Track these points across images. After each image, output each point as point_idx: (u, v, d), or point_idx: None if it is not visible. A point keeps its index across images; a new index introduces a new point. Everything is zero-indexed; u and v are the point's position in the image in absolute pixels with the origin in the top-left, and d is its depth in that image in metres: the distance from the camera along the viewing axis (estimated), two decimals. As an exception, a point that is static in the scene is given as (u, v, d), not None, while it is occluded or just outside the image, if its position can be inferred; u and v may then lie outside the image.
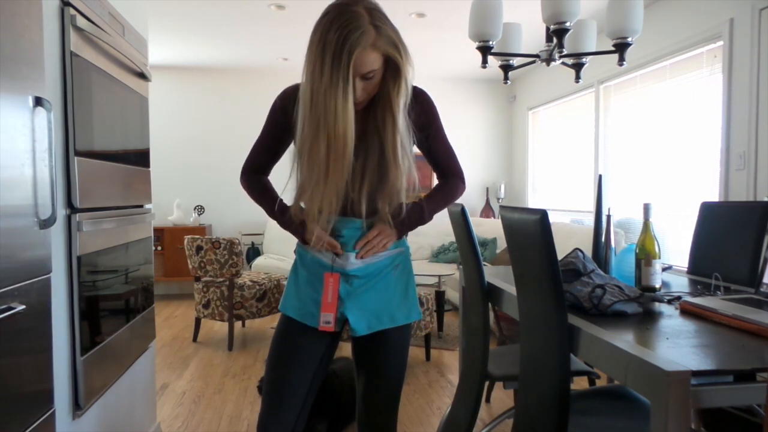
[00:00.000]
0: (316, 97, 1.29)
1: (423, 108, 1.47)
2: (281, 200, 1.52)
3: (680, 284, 2.07)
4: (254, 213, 6.35)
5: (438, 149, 1.55)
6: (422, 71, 6.32)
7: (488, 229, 5.72)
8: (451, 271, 4.62)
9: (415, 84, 1.44)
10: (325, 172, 1.34)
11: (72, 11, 1.60)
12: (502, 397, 3.14)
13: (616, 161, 4.77)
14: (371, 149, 1.41)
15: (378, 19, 1.28)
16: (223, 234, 6.41)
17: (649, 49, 4.09)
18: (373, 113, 1.41)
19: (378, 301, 1.49)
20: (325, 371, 1.53)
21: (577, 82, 2.55)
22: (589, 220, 4.96)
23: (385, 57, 1.31)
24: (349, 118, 1.29)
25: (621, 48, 2.19)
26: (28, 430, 1.28)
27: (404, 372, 1.57)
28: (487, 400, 3.09)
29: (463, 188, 1.60)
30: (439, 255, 5.84)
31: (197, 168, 6.36)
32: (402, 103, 1.37)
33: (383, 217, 1.45)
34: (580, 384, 3.14)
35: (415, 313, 1.53)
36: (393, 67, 1.34)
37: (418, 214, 1.52)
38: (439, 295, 4.27)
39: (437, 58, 5.77)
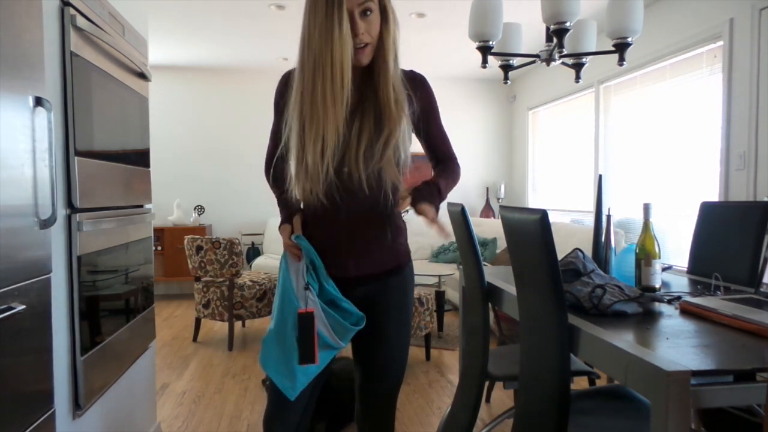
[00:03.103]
0: (312, 34, 1.32)
1: (423, 92, 1.51)
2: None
3: (680, 284, 2.07)
4: (254, 213, 6.35)
5: (436, 133, 1.56)
6: (422, 71, 6.29)
7: (488, 229, 5.72)
8: (451, 271, 4.62)
9: None
10: (323, 103, 1.33)
11: (72, 11, 1.60)
12: (502, 397, 3.14)
13: (616, 161, 4.77)
14: (367, 107, 1.41)
15: None
16: (223, 234, 6.40)
17: (649, 49, 4.09)
18: (369, 73, 1.43)
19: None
20: (327, 371, 1.53)
21: (577, 82, 2.55)
22: (589, 220, 4.96)
23: None
24: (345, 45, 1.30)
25: (621, 48, 2.19)
26: (28, 430, 1.28)
27: (403, 372, 1.58)
28: (487, 400, 3.09)
29: (460, 171, 1.59)
30: (439, 255, 5.84)
31: (197, 168, 6.36)
32: (393, 47, 1.40)
33: (403, 194, 1.42)
34: (580, 384, 3.14)
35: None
36: (384, 14, 1.38)
37: (435, 188, 1.45)
38: (439, 295, 4.27)
39: (437, 58, 5.77)
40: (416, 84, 1.49)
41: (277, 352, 1.42)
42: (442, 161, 1.58)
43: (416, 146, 1.50)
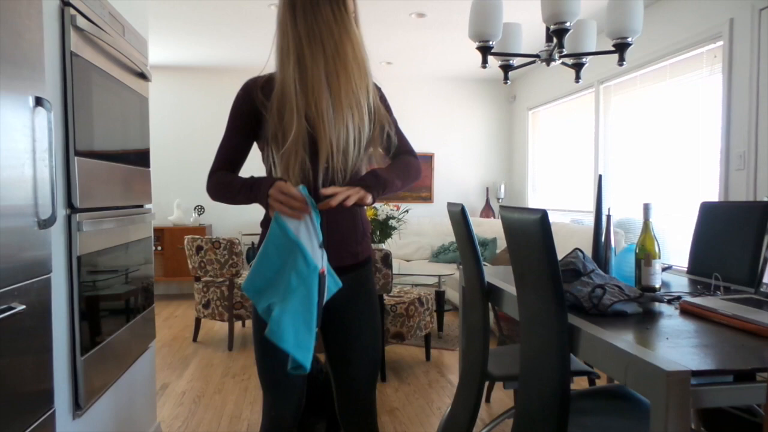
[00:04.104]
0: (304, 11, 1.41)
1: (383, 99, 1.60)
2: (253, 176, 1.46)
3: (680, 284, 2.07)
4: (254, 213, 6.34)
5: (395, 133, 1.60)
6: (422, 71, 6.32)
7: (488, 229, 5.72)
8: (451, 271, 4.62)
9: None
10: (326, 81, 1.40)
11: (72, 11, 1.60)
12: (502, 397, 3.14)
13: (616, 161, 4.77)
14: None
15: None
16: (223, 234, 6.40)
17: (649, 49, 4.09)
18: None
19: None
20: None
21: (577, 82, 2.55)
22: (589, 220, 4.96)
23: None
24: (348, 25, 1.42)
25: (621, 48, 2.19)
26: (28, 430, 1.28)
27: (379, 354, 1.61)
28: (487, 400, 3.09)
29: (417, 163, 1.60)
30: (439, 255, 5.84)
31: (197, 168, 6.36)
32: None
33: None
34: (580, 384, 3.14)
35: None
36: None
37: (375, 175, 1.45)
38: (439, 295, 4.27)
39: (437, 58, 5.77)
40: (378, 93, 1.58)
41: (299, 323, 1.32)
42: (398, 155, 1.62)
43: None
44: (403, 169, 1.55)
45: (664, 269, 2.17)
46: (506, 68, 2.66)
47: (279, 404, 1.56)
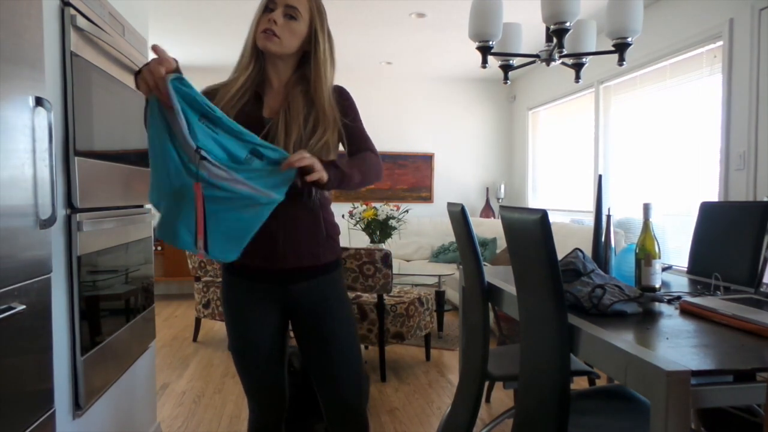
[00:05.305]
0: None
1: (348, 101, 1.56)
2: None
3: (680, 284, 2.07)
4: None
5: (358, 134, 1.55)
6: (422, 71, 6.32)
7: (488, 229, 5.72)
8: (451, 271, 4.62)
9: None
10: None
11: (72, 11, 1.60)
12: (502, 397, 3.14)
13: (616, 161, 4.77)
14: (295, 106, 1.46)
15: None
16: (223, 234, 6.40)
17: (649, 49, 4.09)
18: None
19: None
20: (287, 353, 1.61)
21: (577, 82, 2.55)
22: (589, 220, 4.96)
23: (310, 12, 1.48)
24: (256, 25, 1.51)
25: (621, 48, 2.19)
26: (28, 430, 1.28)
27: (358, 360, 1.58)
28: (487, 400, 3.09)
29: (376, 159, 1.53)
30: (439, 255, 5.84)
31: (197, 168, 6.35)
32: (327, 62, 1.49)
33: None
34: (580, 384, 3.14)
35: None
36: (315, 36, 1.49)
37: (333, 163, 1.40)
38: (439, 295, 4.27)
39: (437, 58, 5.77)
40: (342, 95, 1.55)
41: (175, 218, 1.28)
42: (357, 152, 1.56)
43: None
44: (361, 164, 1.49)
45: (664, 269, 2.17)
46: (506, 68, 2.66)
47: (260, 408, 1.60)
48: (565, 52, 2.37)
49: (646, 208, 1.84)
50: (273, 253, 1.46)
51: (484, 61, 2.34)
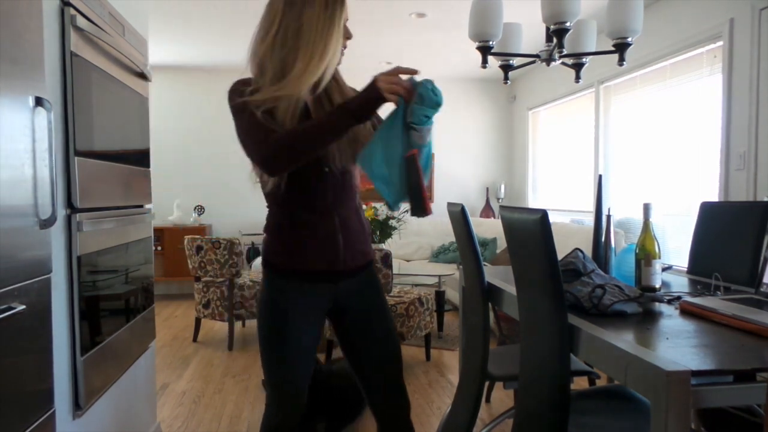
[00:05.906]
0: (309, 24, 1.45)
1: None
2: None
3: (680, 284, 2.07)
4: (254, 213, 6.34)
5: None
6: (422, 71, 6.28)
7: (488, 229, 5.72)
8: (451, 271, 4.62)
9: None
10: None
11: (72, 11, 1.60)
12: (502, 397, 3.14)
13: (616, 161, 4.77)
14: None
15: None
16: (223, 234, 6.40)
17: (649, 49, 4.09)
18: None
19: None
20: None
21: (577, 82, 2.55)
22: (589, 220, 4.96)
23: None
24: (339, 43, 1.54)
25: (621, 48, 2.19)
26: (28, 430, 1.28)
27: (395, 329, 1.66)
28: (487, 400, 3.09)
29: None
30: (439, 255, 5.84)
31: (197, 168, 6.36)
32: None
33: None
34: (580, 384, 3.14)
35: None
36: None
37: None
38: (439, 295, 4.27)
39: (437, 58, 5.77)
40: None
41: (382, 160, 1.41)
42: None
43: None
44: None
45: (664, 269, 2.17)
46: (506, 68, 2.66)
47: (285, 402, 1.56)
48: (565, 52, 2.37)
49: (646, 208, 1.84)
50: (336, 256, 1.50)
51: (484, 61, 2.34)
